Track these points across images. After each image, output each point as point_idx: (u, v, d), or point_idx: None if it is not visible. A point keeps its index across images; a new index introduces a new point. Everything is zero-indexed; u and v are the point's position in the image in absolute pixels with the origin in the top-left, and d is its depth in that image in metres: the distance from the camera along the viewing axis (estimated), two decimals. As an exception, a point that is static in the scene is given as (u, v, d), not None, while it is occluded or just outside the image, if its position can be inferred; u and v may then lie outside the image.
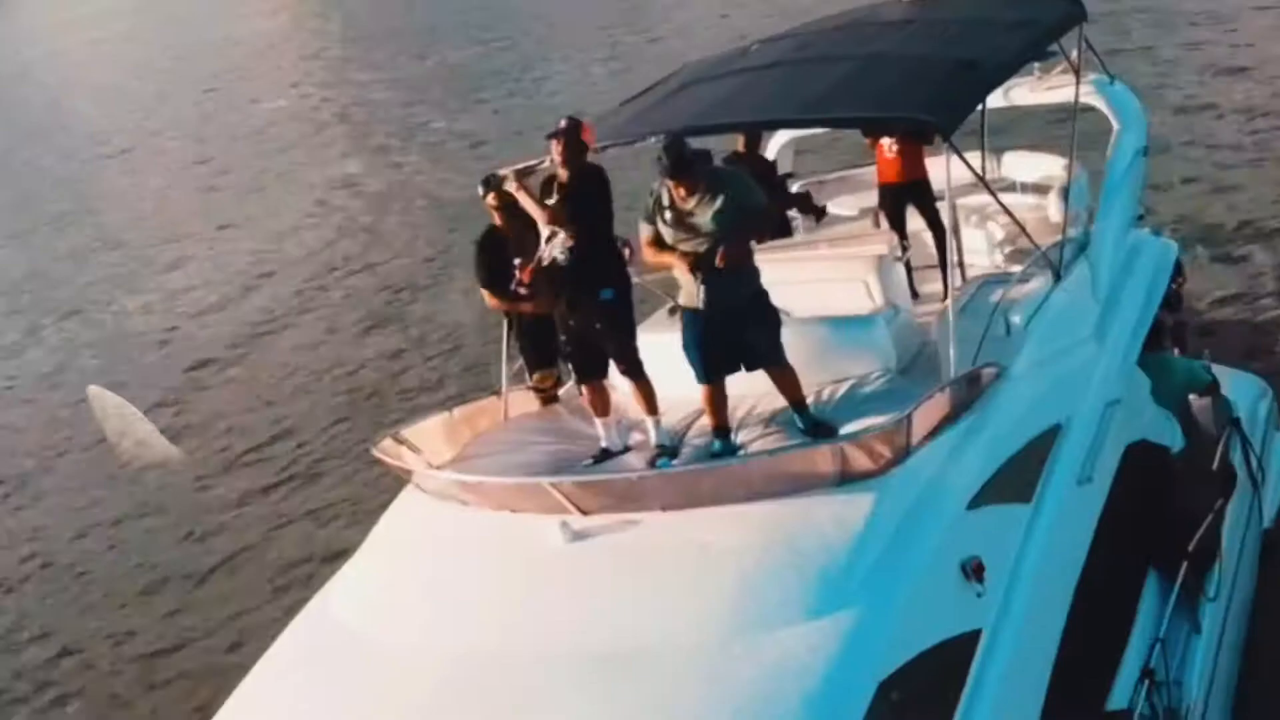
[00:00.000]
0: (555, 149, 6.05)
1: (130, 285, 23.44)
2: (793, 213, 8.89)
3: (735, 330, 6.03)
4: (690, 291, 6.03)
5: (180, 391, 17.62)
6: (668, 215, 5.97)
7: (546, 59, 34.43)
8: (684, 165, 5.85)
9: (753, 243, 6.23)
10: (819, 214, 8.83)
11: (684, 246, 5.97)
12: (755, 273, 6.11)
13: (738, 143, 8.45)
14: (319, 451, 15.13)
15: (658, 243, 6.08)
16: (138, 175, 32.11)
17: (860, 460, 5.36)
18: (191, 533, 14.01)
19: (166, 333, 20.54)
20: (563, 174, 6.08)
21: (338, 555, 6.15)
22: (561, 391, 6.98)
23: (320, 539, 12.77)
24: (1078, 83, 8.00)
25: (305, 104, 35.95)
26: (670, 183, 5.87)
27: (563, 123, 6.07)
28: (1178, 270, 9.72)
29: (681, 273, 6.02)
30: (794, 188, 9.21)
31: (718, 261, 5.89)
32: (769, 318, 6.09)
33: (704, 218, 5.93)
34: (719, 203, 5.91)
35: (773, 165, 9.05)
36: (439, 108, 31.35)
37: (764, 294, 6.10)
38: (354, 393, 16.60)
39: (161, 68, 47.14)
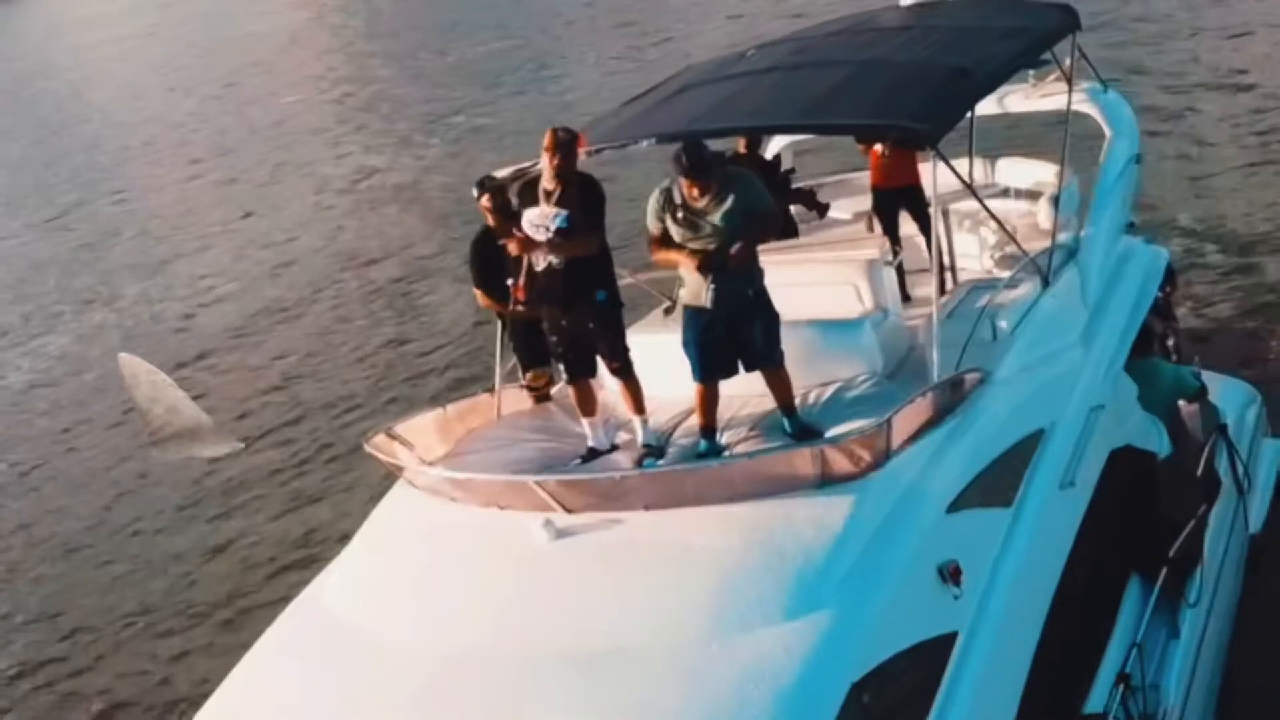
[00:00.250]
0: (550, 161, 5.99)
1: (150, 273, 23.58)
2: (796, 208, 8.82)
3: (738, 330, 6.00)
4: (696, 290, 5.99)
5: (195, 376, 17.71)
6: (679, 214, 5.94)
7: (565, 56, 34.48)
8: (703, 166, 5.83)
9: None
10: (822, 210, 8.77)
11: (693, 245, 5.94)
12: (760, 273, 6.09)
13: (738, 144, 8.40)
14: (328, 436, 15.20)
15: (664, 241, 6.04)
16: (160, 167, 32.26)
17: (840, 463, 5.33)
18: (202, 513, 14.13)
19: (184, 319, 20.66)
20: (552, 183, 6.03)
21: (344, 538, 6.18)
22: (554, 390, 6.95)
23: (328, 521, 12.81)
24: (1070, 91, 7.93)
25: (326, 97, 36.07)
26: (685, 182, 5.83)
27: (560, 134, 6.00)
28: (1170, 278, 9.65)
29: (689, 271, 5.98)
30: (794, 185, 9.13)
31: (732, 255, 5.86)
32: (770, 318, 6.06)
33: (715, 217, 5.90)
34: (729, 203, 5.89)
35: (774, 164, 8.99)
36: (460, 102, 31.41)
37: (766, 294, 6.08)
38: (366, 379, 16.70)
39: (184, 62, 47.35)
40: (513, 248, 6.08)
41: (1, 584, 13.87)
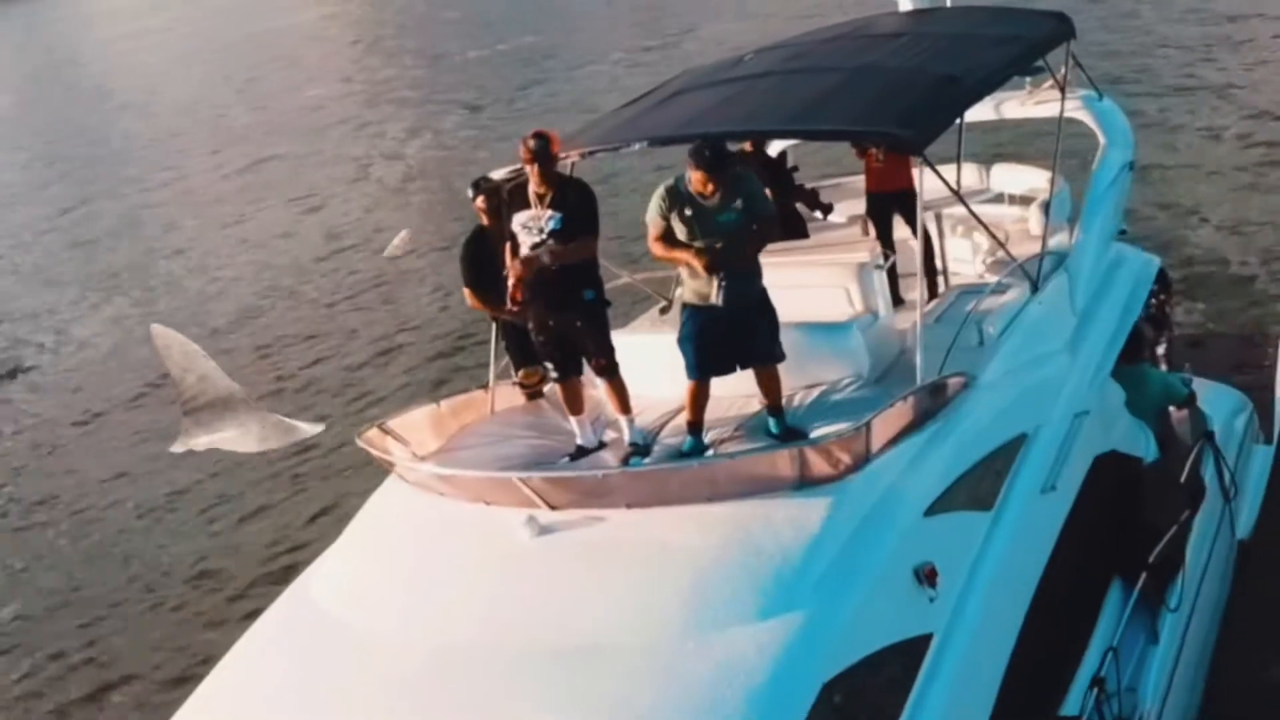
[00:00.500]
0: (533, 170, 5.98)
1: (173, 260, 23.79)
2: (800, 207, 8.80)
3: (743, 328, 5.99)
4: (703, 289, 5.96)
5: (211, 356, 17.81)
6: (686, 212, 5.92)
7: (588, 51, 34.62)
8: (721, 162, 5.86)
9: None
10: (826, 210, 8.75)
11: (699, 244, 5.91)
12: (761, 272, 6.10)
13: (744, 143, 8.37)
14: (344, 418, 15.26)
15: (666, 238, 6.02)
16: (188, 156, 32.52)
17: (820, 465, 5.33)
18: (217, 491, 14.22)
19: (205, 304, 20.82)
20: (541, 187, 6.03)
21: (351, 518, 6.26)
22: (547, 388, 6.94)
23: (342, 500, 12.85)
24: (1063, 98, 7.90)
25: (348, 90, 36.28)
26: (700, 176, 5.81)
27: (532, 142, 5.94)
28: (1165, 285, 9.60)
29: (695, 269, 5.94)
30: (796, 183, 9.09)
31: (743, 256, 5.87)
32: (773, 316, 6.07)
33: (724, 217, 5.90)
34: (737, 202, 5.89)
35: (780, 162, 8.97)
36: (484, 95, 31.58)
37: (767, 293, 6.08)
38: (385, 364, 16.87)
39: (210, 56, 47.60)
40: (514, 271, 6.03)
41: (23, 558, 14.03)
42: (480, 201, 6.69)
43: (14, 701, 11.32)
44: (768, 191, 8.27)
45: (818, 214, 8.74)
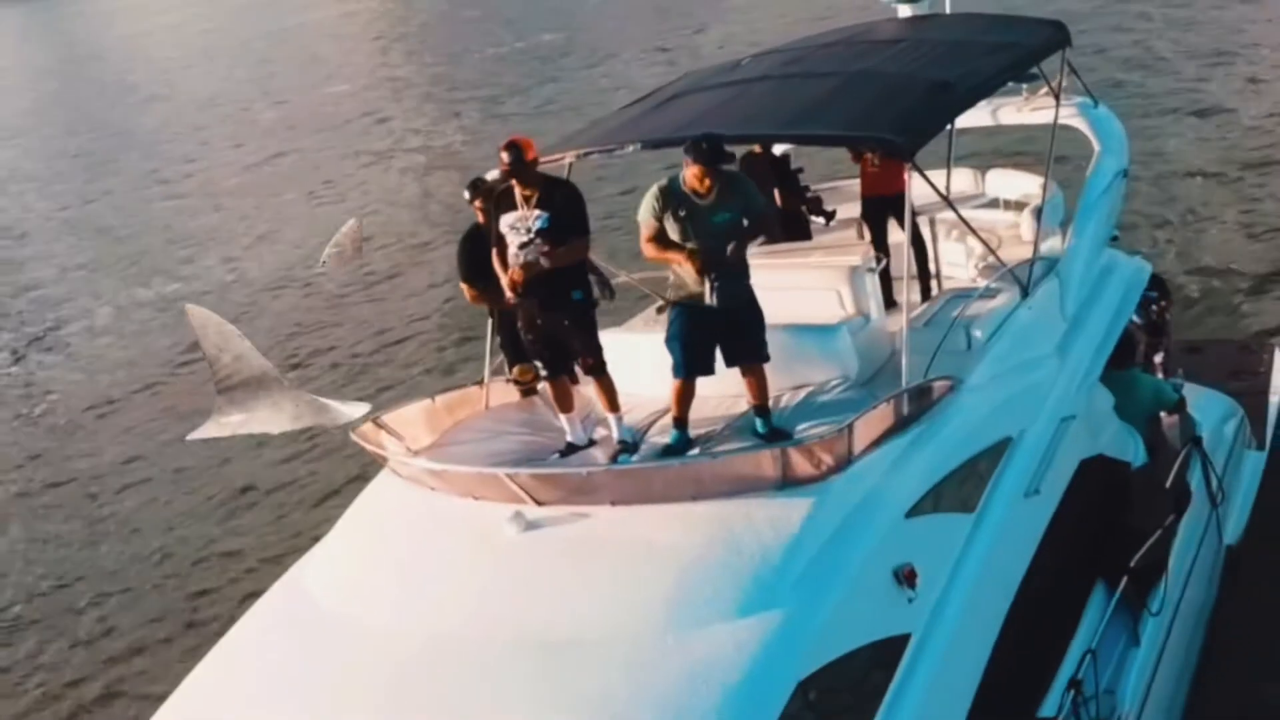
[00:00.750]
0: (515, 179, 5.98)
1: (192, 246, 23.89)
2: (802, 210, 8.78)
3: (732, 328, 5.99)
4: (694, 290, 5.94)
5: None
6: (681, 212, 5.89)
7: (604, 49, 34.67)
8: (719, 158, 5.86)
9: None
10: (829, 217, 8.74)
11: (691, 245, 5.89)
12: (749, 272, 6.08)
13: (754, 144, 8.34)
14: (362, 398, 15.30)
15: (659, 239, 6.00)
16: (207, 148, 32.59)
17: (802, 466, 5.34)
18: (230, 475, 14.29)
19: (222, 291, 20.88)
20: (526, 190, 6.03)
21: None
22: (540, 385, 6.94)
23: (348, 484, 12.90)
24: (1058, 105, 7.87)
25: (370, 85, 36.31)
26: (698, 170, 5.77)
27: (506, 154, 5.92)
28: (1164, 292, 9.54)
29: (688, 270, 5.92)
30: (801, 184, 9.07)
31: (729, 254, 5.85)
32: (760, 316, 6.07)
33: (719, 217, 5.87)
34: (732, 203, 5.88)
35: (785, 160, 8.97)
36: (504, 89, 31.60)
37: (754, 292, 6.07)
38: (394, 350, 16.90)
39: (233, 51, 47.70)
40: (511, 278, 6.03)
41: (39, 535, 14.15)
42: (478, 202, 6.71)
43: (28, 674, 11.44)
44: (775, 192, 8.35)
45: (820, 219, 8.75)
